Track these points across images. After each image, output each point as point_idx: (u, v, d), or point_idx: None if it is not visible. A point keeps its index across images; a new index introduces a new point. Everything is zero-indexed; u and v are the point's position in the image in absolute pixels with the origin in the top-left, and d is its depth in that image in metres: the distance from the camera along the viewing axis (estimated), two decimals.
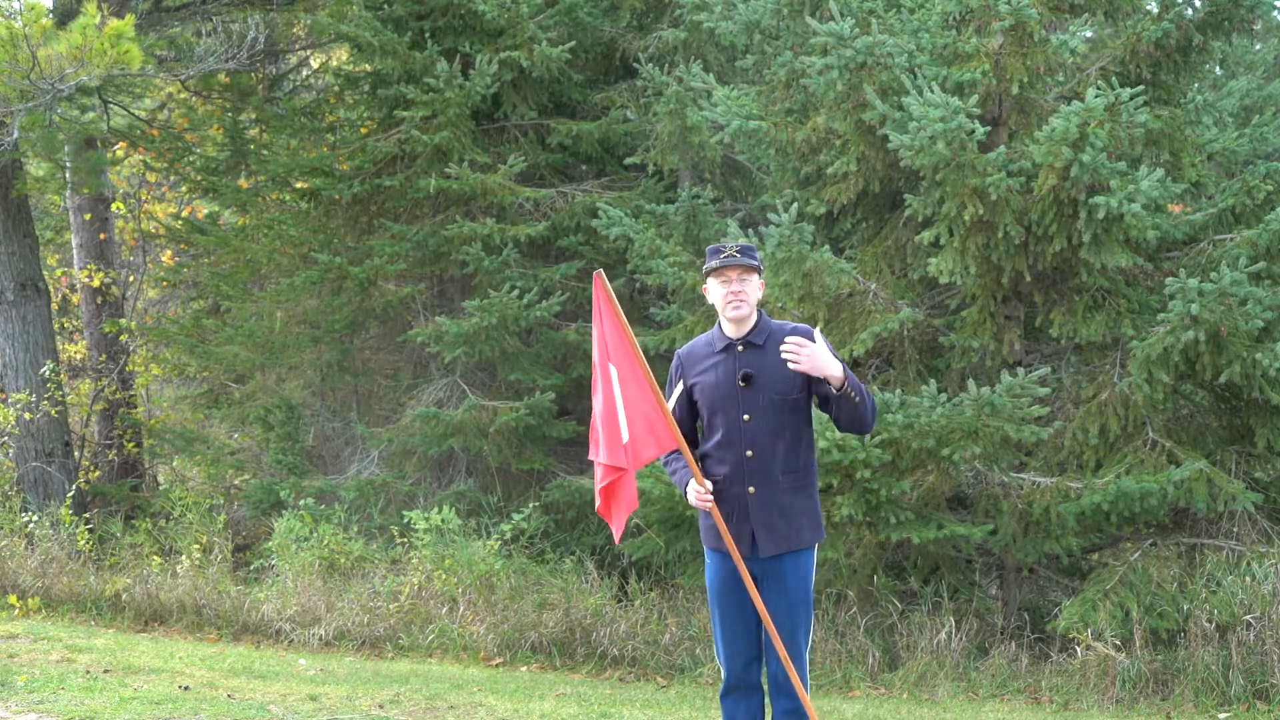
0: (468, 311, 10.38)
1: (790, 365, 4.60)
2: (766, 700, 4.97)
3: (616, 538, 4.84)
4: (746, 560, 4.81)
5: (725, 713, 4.96)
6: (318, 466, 11.94)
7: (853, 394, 4.64)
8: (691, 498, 4.75)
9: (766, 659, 4.91)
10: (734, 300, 4.77)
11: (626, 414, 4.67)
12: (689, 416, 4.95)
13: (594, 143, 11.24)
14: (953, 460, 7.76)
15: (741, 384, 4.78)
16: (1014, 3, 7.85)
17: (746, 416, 4.78)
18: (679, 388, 4.94)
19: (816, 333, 4.75)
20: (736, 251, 4.77)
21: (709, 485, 4.73)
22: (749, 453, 4.78)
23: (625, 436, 4.67)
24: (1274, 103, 11.22)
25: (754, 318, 4.86)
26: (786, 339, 4.63)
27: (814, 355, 4.59)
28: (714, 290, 4.85)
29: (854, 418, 4.72)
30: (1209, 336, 7.42)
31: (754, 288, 4.83)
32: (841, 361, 4.69)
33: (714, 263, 4.80)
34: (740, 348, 4.83)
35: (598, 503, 4.82)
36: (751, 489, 4.78)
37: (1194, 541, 8.24)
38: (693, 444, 4.98)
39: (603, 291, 4.71)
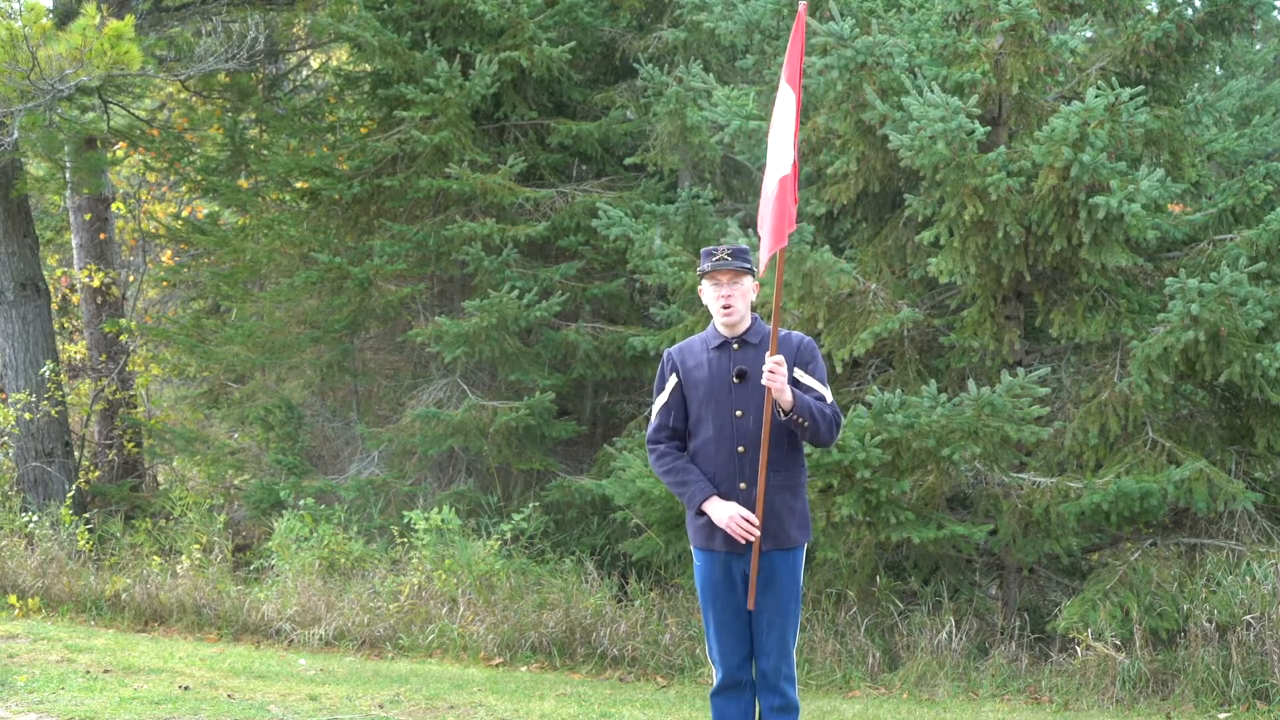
0: (468, 311, 10.37)
1: (764, 380, 4.66)
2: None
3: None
4: (736, 558, 4.83)
5: (716, 710, 4.97)
6: (318, 466, 11.92)
7: (801, 420, 4.70)
8: (734, 528, 4.73)
9: (756, 656, 4.92)
10: (724, 305, 4.84)
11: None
12: (684, 410, 4.96)
13: (594, 143, 11.23)
14: (953, 460, 7.76)
15: (736, 380, 4.81)
16: (1014, 3, 7.85)
17: (739, 413, 4.80)
18: (672, 380, 4.94)
19: (813, 346, 4.89)
20: (727, 255, 4.82)
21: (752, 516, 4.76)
22: (740, 449, 4.80)
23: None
24: (1274, 103, 11.23)
25: (748, 319, 4.90)
26: (769, 359, 4.67)
27: (783, 385, 4.65)
28: (707, 292, 4.91)
29: (808, 438, 4.82)
30: (1209, 336, 7.42)
31: (745, 290, 4.87)
32: (811, 388, 4.80)
33: (705, 265, 4.87)
34: (735, 346, 4.87)
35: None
36: (743, 485, 4.79)
37: (1194, 541, 8.24)
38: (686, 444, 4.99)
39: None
